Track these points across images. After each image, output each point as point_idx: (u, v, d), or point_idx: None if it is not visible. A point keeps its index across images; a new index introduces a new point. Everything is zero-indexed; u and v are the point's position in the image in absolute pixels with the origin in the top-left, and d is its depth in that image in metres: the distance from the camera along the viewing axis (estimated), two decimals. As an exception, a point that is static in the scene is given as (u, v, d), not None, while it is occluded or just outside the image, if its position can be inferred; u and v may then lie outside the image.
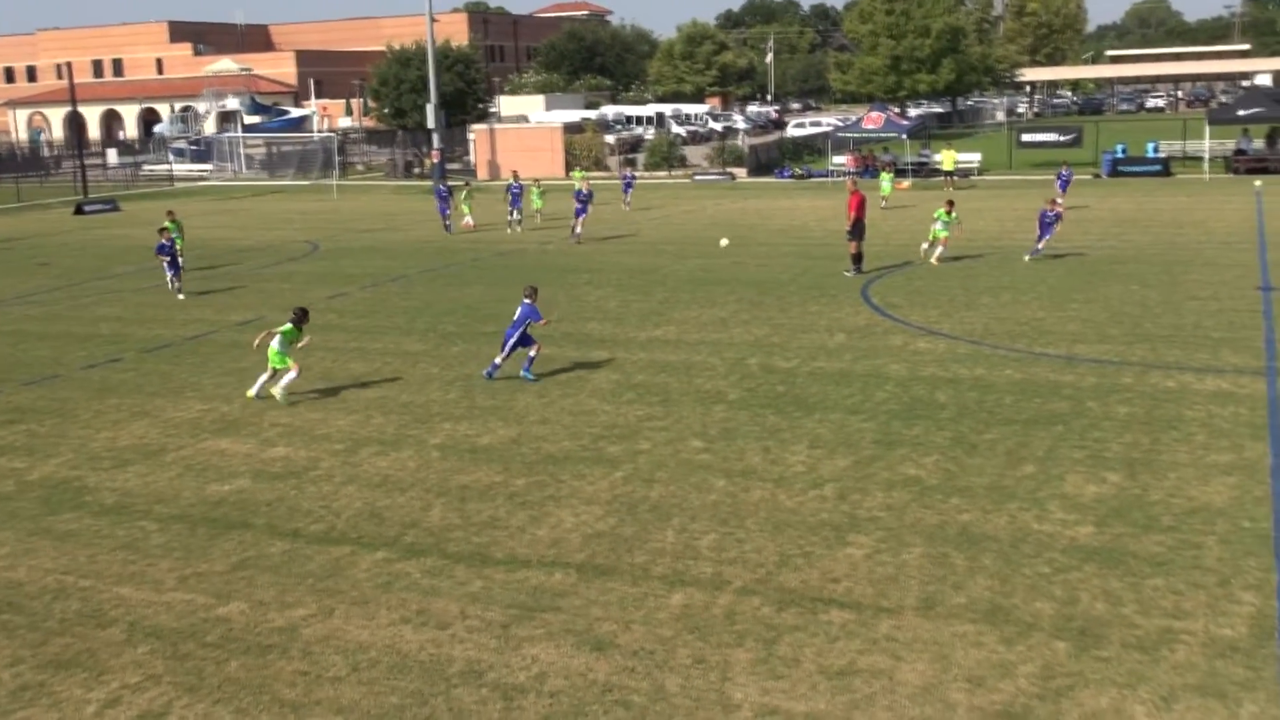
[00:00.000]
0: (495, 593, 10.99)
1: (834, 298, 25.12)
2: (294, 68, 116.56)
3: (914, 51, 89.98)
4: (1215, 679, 8.98)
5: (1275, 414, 15.53)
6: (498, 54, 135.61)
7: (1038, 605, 10.31)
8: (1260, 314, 21.85)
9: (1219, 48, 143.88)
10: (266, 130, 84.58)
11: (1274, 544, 11.38)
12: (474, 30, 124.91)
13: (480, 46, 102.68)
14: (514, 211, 39.96)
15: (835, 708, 8.79)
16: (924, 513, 12.57)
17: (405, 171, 72.59)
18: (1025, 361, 18.87)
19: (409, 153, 74.40)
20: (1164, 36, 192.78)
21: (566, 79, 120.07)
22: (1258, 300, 23.19)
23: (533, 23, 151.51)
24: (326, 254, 36.38)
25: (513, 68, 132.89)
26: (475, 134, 70.63)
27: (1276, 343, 19.50)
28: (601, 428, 16.13)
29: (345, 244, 38.76)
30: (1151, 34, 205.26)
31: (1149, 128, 73.51)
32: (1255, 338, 19.94)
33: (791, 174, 61.79)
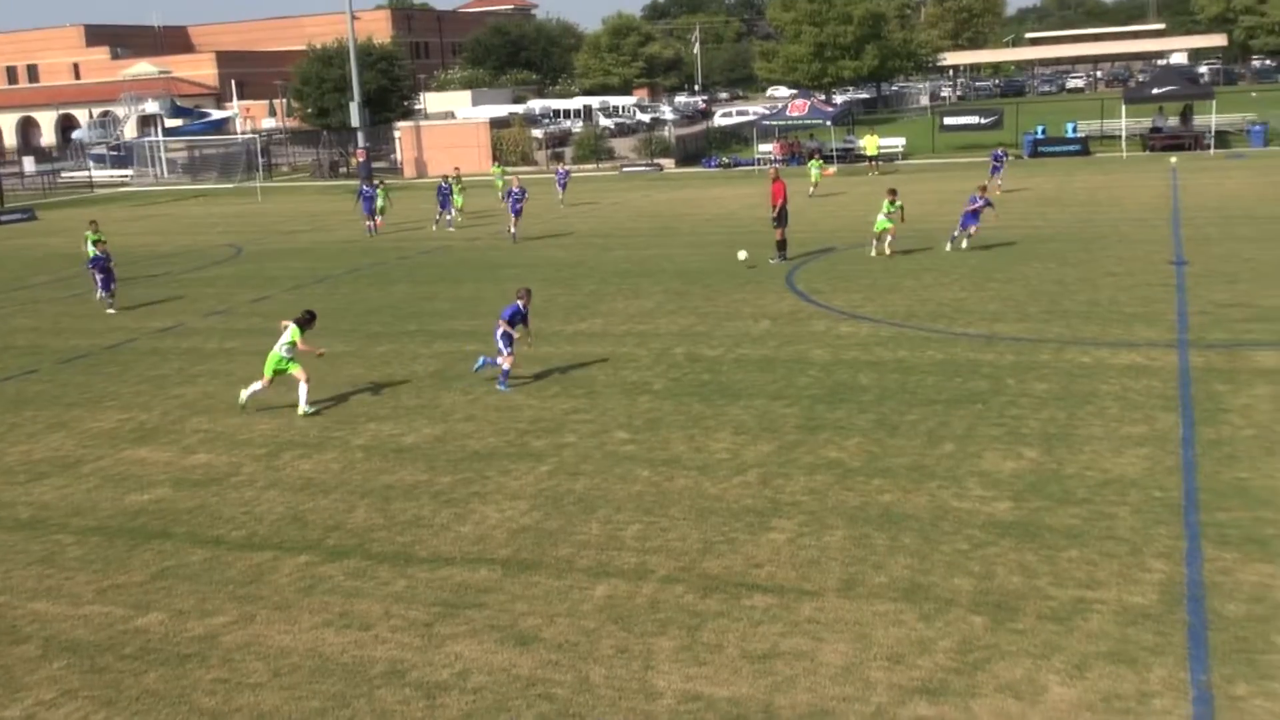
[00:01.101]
0: (419, 591, 10.95)
1: (759, 285, 25.26)
2: (214, 69, 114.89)
3: (837, 38, 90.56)
4: (1126, 646, 9.17)
5: (1186, 385, 15.87)
6: (422, 50, 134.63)
7: (956, 581, 10.46)
8: (1173, 288, 22.31)
9: (1135, 28, 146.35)
10: (188, 133, 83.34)
11: (1183, 512, 11.64)
12: (397, 27, 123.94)
13: (404, 43, 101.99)
14: (443, 211, 39.69)
15: (757, 691, 8.86)
16: (846, 495, 12.70)
17: (331, 171, 71.87)
18: (946, 342, 19.11)
19: (334, 152, 73.64)
20: (1083, 18, 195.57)
21: (492, 74, 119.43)
22: (1171, 275, 23.67)
23: (457, 18, 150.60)
24: (250, 257, 35.92)
25: (438, 64, 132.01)
26: (401, 132, 70.12)
27: (1188, 316, 19.91)
28: (527, 423, 16.10)
29: (269, 246, 38.31)
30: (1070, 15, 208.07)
31: (1069, 108, 74.71)
32: (1168, 311, 20.35)
33: (719, 163, 62.01)
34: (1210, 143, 52.81)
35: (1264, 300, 20.66)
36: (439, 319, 23.66)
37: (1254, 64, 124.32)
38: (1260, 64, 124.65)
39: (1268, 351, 17.31)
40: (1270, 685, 8.47)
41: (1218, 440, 13.62)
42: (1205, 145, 52.84)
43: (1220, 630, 9.30)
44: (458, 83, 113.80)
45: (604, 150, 67.52)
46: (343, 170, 70.85)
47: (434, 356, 20.32)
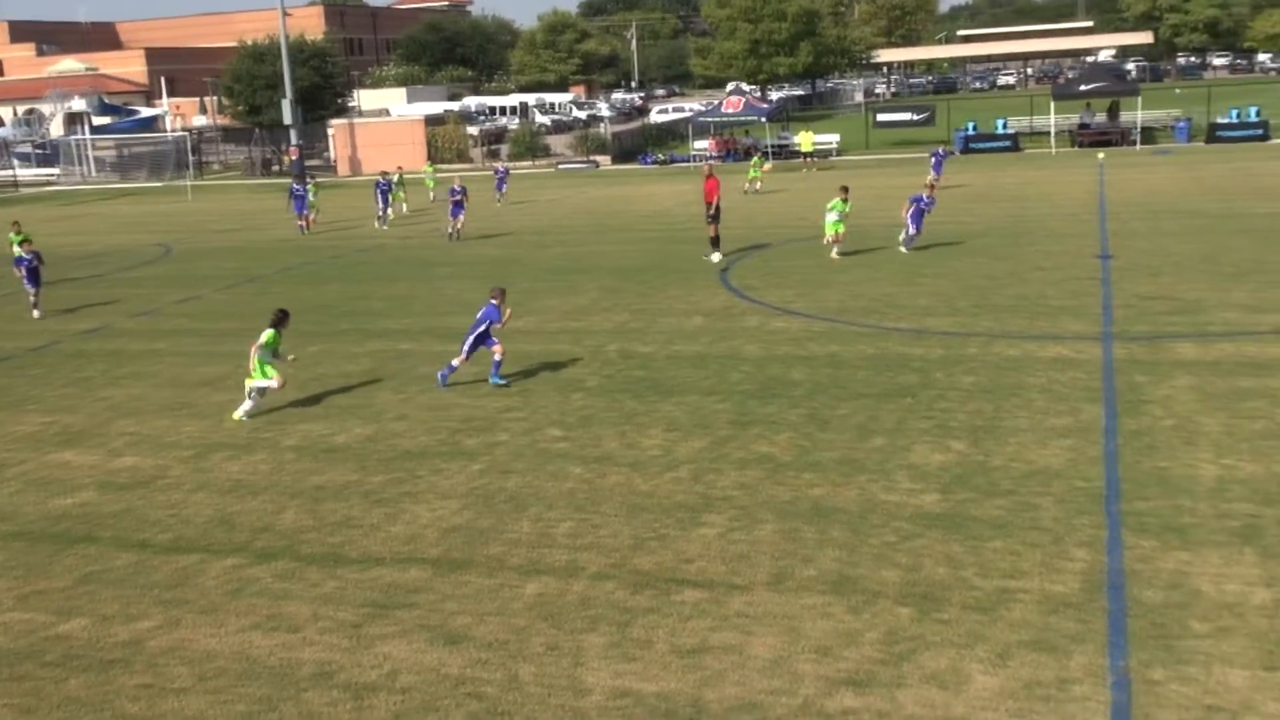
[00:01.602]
0: (348, 592, 10.87)
1: (693, 281, 25.35)
2: (144, 66, 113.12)
3: (772, 35, 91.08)
4: (1048, 634, 9.32)
5: (1110, 377, 16.16)
6: (356, 47, 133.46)
7: (884, 573, 10.58)
8: (1099, 281, 22.70)
9: (1064, 25, 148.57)
10: (116, 131, 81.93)
11: (1105, 502, 11.85)
12: (330, 23, 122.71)
13: (337, 40, 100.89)
14: (384, 208, 39.41)
15: (686, 686, 8.91)
16: (777, 489, 12.79)
17: (263, 169, 71.08)
18: (877, 337, 19.30)
19: (267, 150, 72.81)
20: (1013, 15, 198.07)
21: (428, 71, 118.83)
22: (1097, 268, 24.09)
23: (392, 15, 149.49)
24: (180, 256, 35.43)
25: (372, 61, 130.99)
26: (334, 129, 69.51)
27: (1113, 309, 20.27)
28: (459, 421, 16.05)
29: (200, 245, 37.81)
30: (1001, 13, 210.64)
31: (999, 105, 75.69)
32: (1094, 305, 20.70)
33: (655, 160, 62.12)
34: (1136, 139, 53.77)
35: (1185, 293, 21.10)
36: (372, 318, 23.49)
37: (1179, 61, 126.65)
38: (1185, 61, 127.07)
39: (1188, 343, 17.67)
40: (1186, 670, 8.66)
41: (1139, 431, 13.88)
42: (1132, 141, 53.79)
43: (1139, 617, 9.49)
44: (392, 80, 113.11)
45: (540, 147, 67.40)
46: (275, 168, 70.07)
47: (367, 356, 20.18)
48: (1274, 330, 18.15)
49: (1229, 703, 8.22)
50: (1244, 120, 53.74)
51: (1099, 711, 8.23)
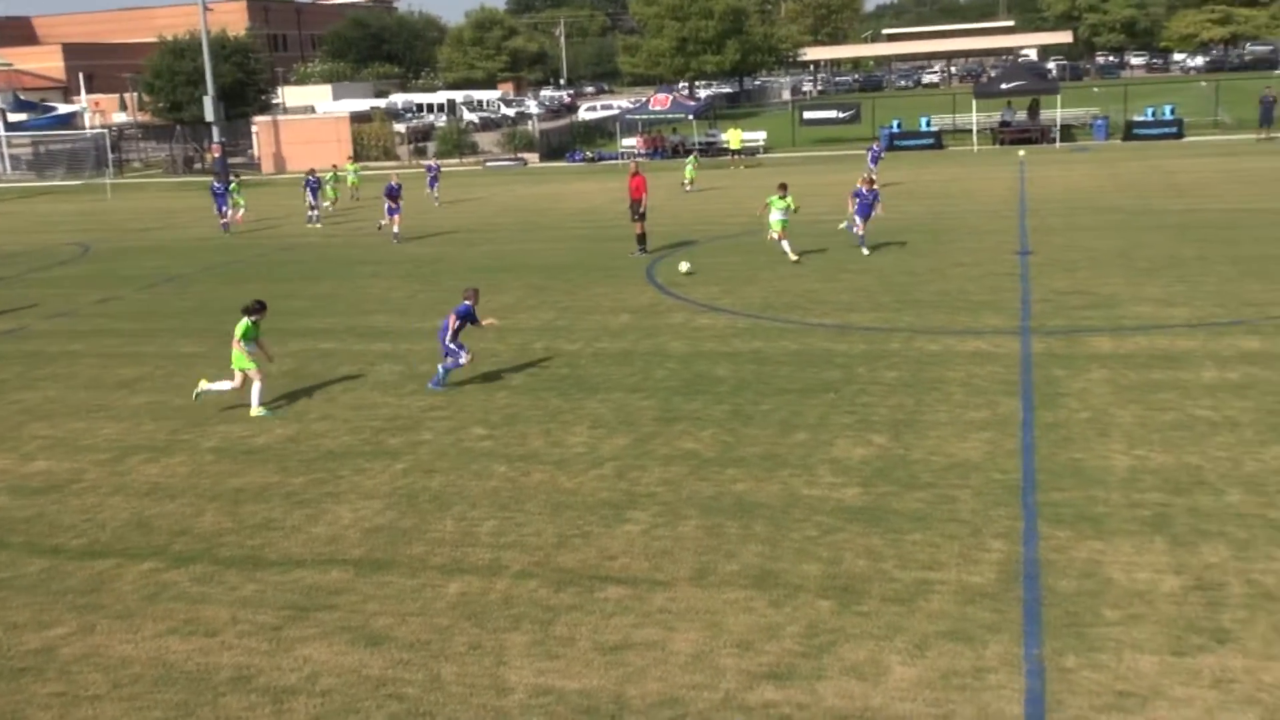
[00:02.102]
0: (268, 595, 10.74)
1: (620, 279, 25.36)
2: (61, 61, 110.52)
3: (699, 33, 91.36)
4: (965, 624, 9.46)
5: (1027, 371, 16.43)
6: (281, 43, 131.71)
7: (805, 567, 10.67)
8: (1018, 277, 23.06)
9: (987, 25, 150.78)
10: (33, 128, 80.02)
11: (1021, 493, 12.05)
12: (254, 19, 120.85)
13: (260, 36, 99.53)
14: (314, 205, 38.92)
15: (608, 683, 8.92)
16: (700, 485, 12.84)
17: (185, 167, 69.89)
18: (801, 333, 19.45)
19: (189, 147, 71.56)
20: (938, 14, 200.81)
21: (354, 68, 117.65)
22: (1016, 264, 24.46)
23: (317, 10, 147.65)
24: (99, 256, 34.73)
25: (297, 57, 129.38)
26: (258, 126, 68.55)
27: (1031, 304, 20.60)
28: (383, 420, 15.92)
29: (120, 245, 37.08)
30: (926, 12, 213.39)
31: (923, 103, 76.59)
32: (1013, 300, 21.02)
33: (583, 157, 62.05)
34: (1056, 136, 54.67)
35: (1101, 288, 21.50)
36: (295, 317, 23.18)
37: (1098, 60, 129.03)
38: (1104, 60, 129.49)
39: (1103, 337, 18.02)
40: (1097, 657, 8.83)
41: (1055, 423, 14.13)
42: (1051, 139, 54.68)
43: (1053, 606, 9.66)
44: (317, 76, 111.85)
45: (467, 145, 67.00)
46: (198, 166, 68.93)
47: (289, 356, 19.91)
48: (1185, 324, 18.57)
49: (1139, 688, 8.40)
50: (1160, 119, 54.85)
51: (1014, 700, 8.37)
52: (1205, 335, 17.79)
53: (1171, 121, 54.36)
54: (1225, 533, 10.85)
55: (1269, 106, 51.17)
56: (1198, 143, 51.72)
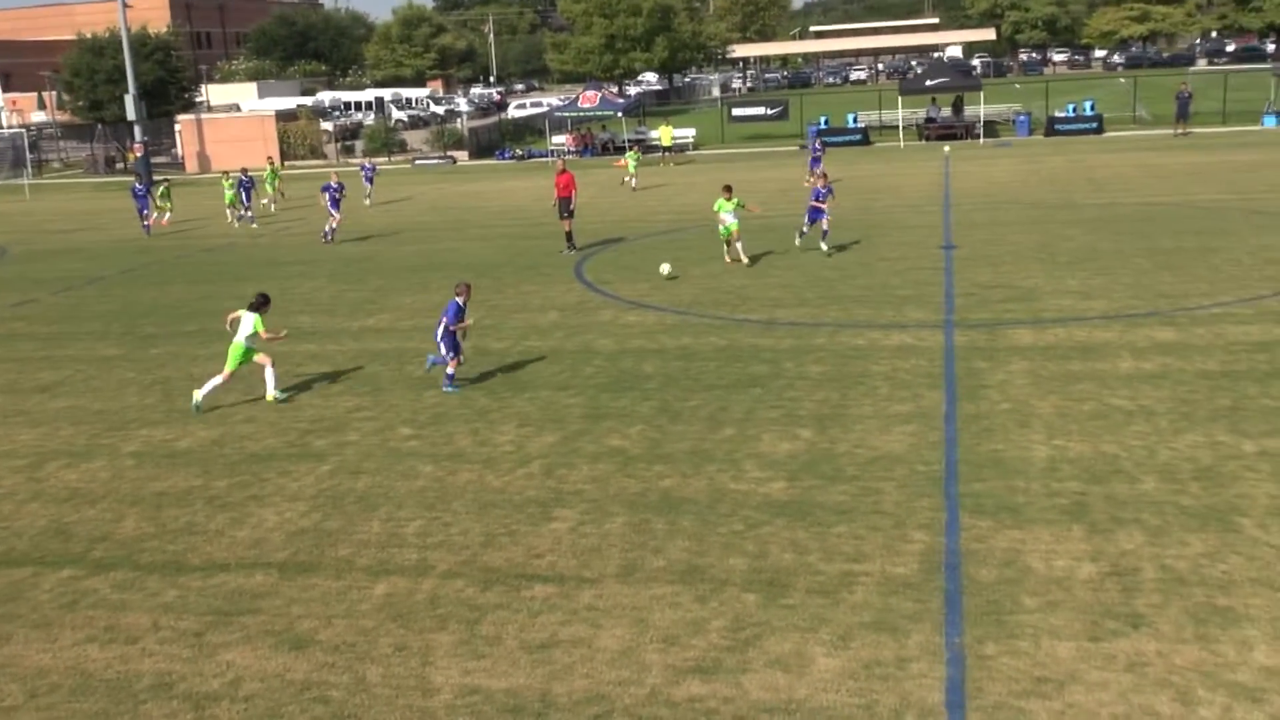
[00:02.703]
0: (190, 600, 10.60)
1: (548, 277, 25.33)
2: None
3: (627, 30, 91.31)
4: (888, 615, 9.57)
5: (950, 363, 16.65)
6: (204, 40, 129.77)
7: (731, 562, 10.73)
8: (942, 271, 23.36)
9: (912, 22, 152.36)
10: (-53, 128, 78.16)
11: (944, 484, 12.22)
12: (176, 16, 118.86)
13: (183, 33, 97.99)
14: (247, 205, 38.36)
15: (535, 680, 8.91)
16: (627, 482, 12.86)
17: (107, 167, 68.62)
18: (728, 328, 19.55)
19: (110, 147, 70.29)
20: (865, 12, 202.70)
21: (279, 65, 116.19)
22: (940, 258, 24.78)
23: (241, 8, 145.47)
24: (15, 258, 34.00)
25: (221, 55, 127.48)
26: (182, 125, 67.51)
27: (954, 297, 20.88)
28: (309, 422, 15.76)
29: (38, 247, 36.33)
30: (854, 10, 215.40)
31: (851, 99, 77.33)
32: (936, 294, 21.30)
33: (512, 155, 61.84)
34: (980, 132, 55.43)
35: (1022, 281, 21.84)
36: (219, 318, 22.75)
37: (1021, 57, 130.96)
38: (1027, 57, 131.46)
39: (1024, 329, 18.31)
40: (1016, 644, 8.98)
41: (977, 415, 14.34)
42: (975, 135, 55.45)
43: (974, 595, 9.81)
44: (242, 74, 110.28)
45: (396, 143, 66.51)
46: (120, 166, 67.71)
47: (212, 358, 19.59)
48: (1103, 315, 18.93)
49: (1056, 674, 8.56)
50: (1080, 114, 55.78)
51: (935, 688, 8.49)
52: (1122, 327, 18.15)
53: (1091, 117, 55.31)
54: (1140, 520, 11.08)
55: (1185, 102, 52.27)
56: (1117, 138, 52.72)
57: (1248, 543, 10.46)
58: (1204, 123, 54.19)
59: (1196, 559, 10.21)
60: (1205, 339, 17.15)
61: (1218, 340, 17.04)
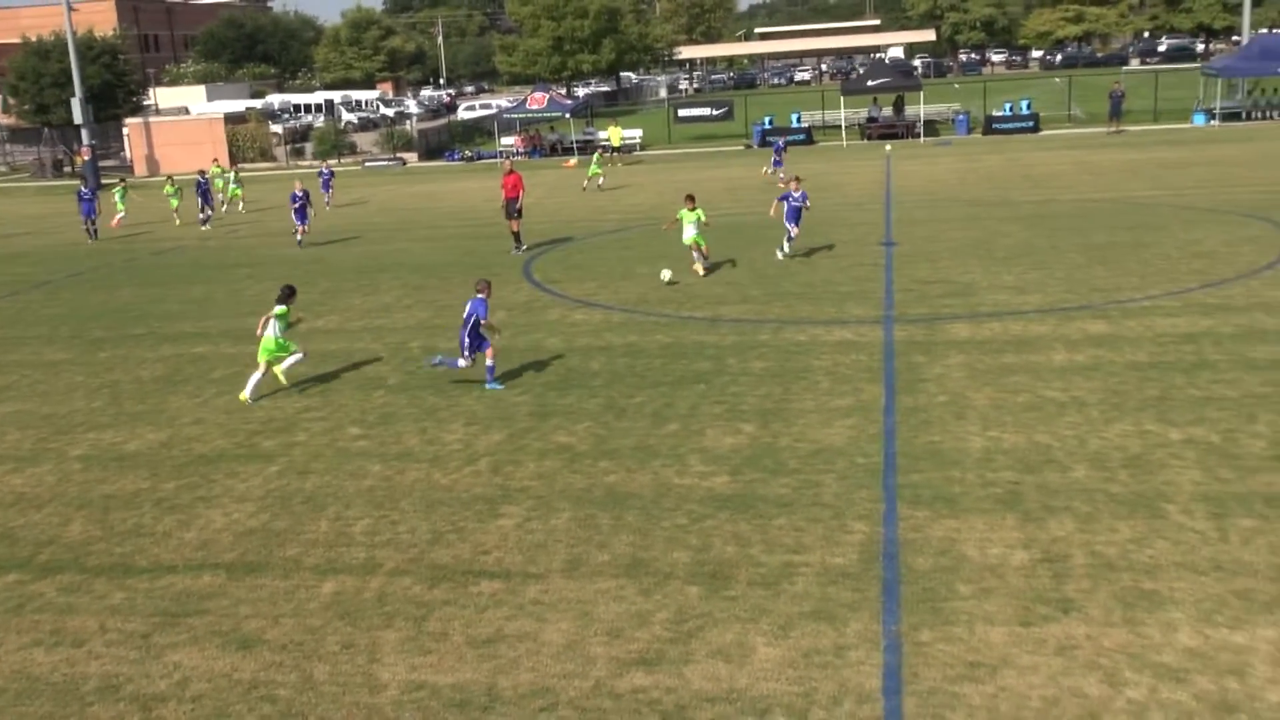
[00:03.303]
0: (138, 603, 10.50)
1: (497, 277, 25.04)
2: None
3: (575, 32, 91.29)
4: (827, 604, 9.67)
5: (890, 358, 16.80)
6: (152, 44, 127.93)
7: (675, 555, 10.78)
8: (882, 267, 23.56)
9: (855, 24, 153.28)
10: (-109, 132, 76.65)
11: (883, 476, 12.34)
12: (123, 19, 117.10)
13: (130, 36, 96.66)
14: (206, 206, 37.86)
15: (481, 675, 8.92)
16: (574, 478, 12.88)
17: (54, 171, 67.59)
18: (674, 326, 19.61)
19: (57, 151, 69.27)
20: (809, 13, 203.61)
21: (228, 68, 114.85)
22: (881, 255, 25.00)
23: (189, 10, 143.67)
24: (-38, 263, 33.42)
25: (170, 58, 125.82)
26: (130, 128, 66.63)
27: (894, 293, 21.07)
28: (258, 423, 15.64)
29: (-16, 251, 35.74)
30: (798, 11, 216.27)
31: (795, 99, 77.72)
32: (877, 290, 21.48)
33: (461, 156, 61.59)
34: (920, 131, 55.92)
35: (960, 276, 22.08)
36: (168, 321, 22.66)
37: (961, 58, 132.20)
38: (966, 58, 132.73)
39: (961, 324, 18.52)
40: (951, 630, 9.11)
41: (915, 408, 14.49)
42: (916, 134, 55.92)
43: (911, 583, 9.92)
44: (191, 77, 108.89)
45: (346, 145, 66.02)
46: (68, 169, 66.73)
47: (160, 360, 19.46)
48: (1038, 309, 19.18)
49: (989, 658, 8.68)
50: (1017, 113, 56.37)
51: (872, 675, 8.58)
52: (1056, 320, 18.40)
53: (1028, 116, 55.94)
54: (1071, 507, 11.26)
55: (1118, 101, 53.01)
56: (1052, 136, 53.36)
57: (1173, 528, 10.67)
58: (1136, 121, 55.00)
59: (1125, 545, 10.39)
60: (1135, 331, 17.43)
61: (1147, 332, 17.32)
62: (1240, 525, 10.63)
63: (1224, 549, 10.19)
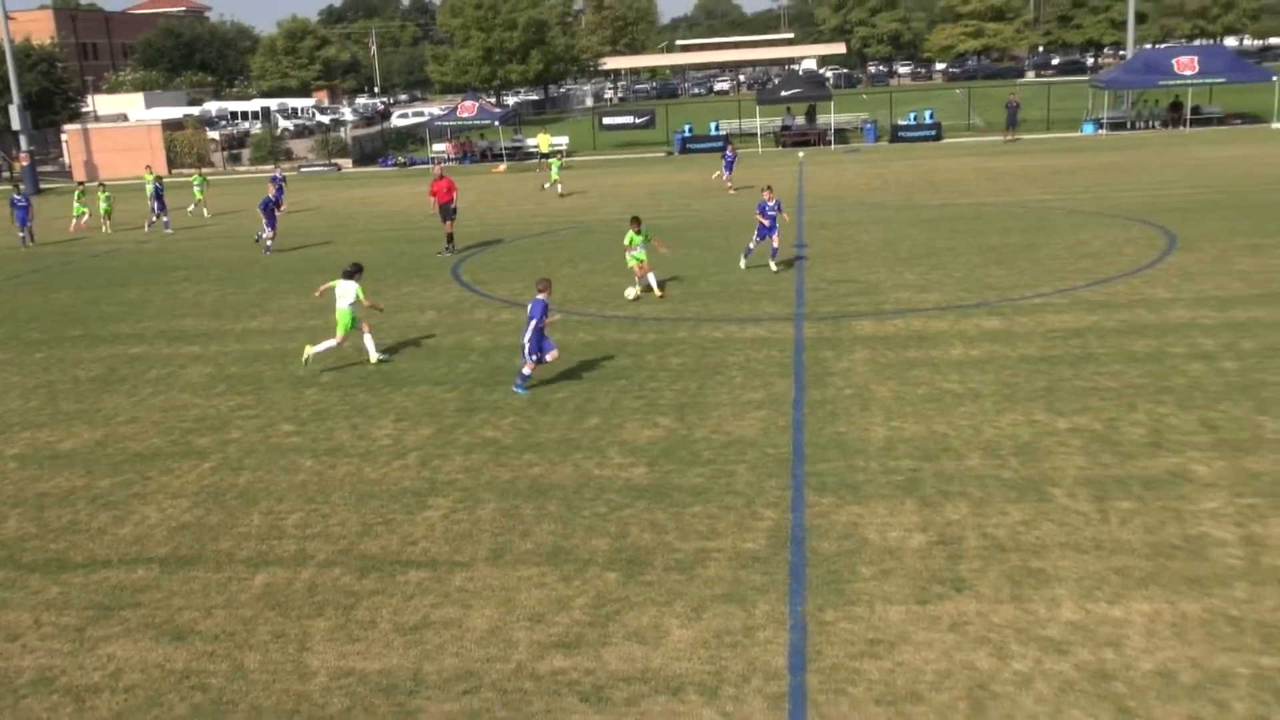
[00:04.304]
0: (72, 597, 10.28)
1: (427, 278, 25.09)
2: None
3: (504, 43, 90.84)
4: (738, 587, 9.75)
5: (799, 353, 16.96)
6: (91, 52, 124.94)
7: (594, 542, 10.80)
8: (794, 268, 23.73)
9: (770, 37, 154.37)
10: None
11: (791, 465, 12.46)
12: (61, 28, 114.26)
13: (68, 44, 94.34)
14: (161, 212, 36.93)
15: (407, 661, 8.87)
16: (499, 470, 12.84)
17: (-7, 176, 65.78)
18: (597, 325, 19.62)
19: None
20: (727, 26, 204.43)
21: (166, 76, 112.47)
22: (793, 254, 25.16)
23: (127, 20, 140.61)
24: (-101, 266, 32.39)
25: (108, 66, 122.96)
26: (69, 134, 65.05)
27: (805, 292, 21.26)
28: (192, 421, 15.38)
29: (-79, 255, 34.65)
30: (717, 24, 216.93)
31: (714, 109, 77.95)
32: (789, 289, 21.65)
33: (395, 162, 61.00)
34: (831, 139, 56.44)
35: (866, 276, 22.34)
36: (104, 323, 22.17)
37: (870, 70, 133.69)
38: (875, 70, 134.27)
39: (866, 321, 18.75)
40: (853, 610, 9.23)
41: (822, 400, 14.64)
42: (827, 141, 56.42)
43: (816, 566, 10.04)
44: (130, 84, 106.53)
45: (282, 151, 65.04)
46: (5, 175, 64.98)
47: (97, 361, 19.05)
48: (937, 307, 19.47)
49: (887, 635, 8.82)
50: (921, 122, 57.15)
51: (779, 653, 8.68)
52: (954, 317, 18.70)
53: (931, 125, 56.72)
54: (965, 492, 11.46)
55: (1014, 111, 53.95)
56: (954, 144, 54.14)
57: (1059, 510, 10.91)
58: (1031, 130, 56.02)
59: (1014, 527, 10.61)
60: (1027, 327, 17.77)
61: (1038, 328, 17.67)
62: (1119, 507, 10.90)
63: (1104, 529, 10.44)
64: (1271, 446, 12.24)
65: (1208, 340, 16.43)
